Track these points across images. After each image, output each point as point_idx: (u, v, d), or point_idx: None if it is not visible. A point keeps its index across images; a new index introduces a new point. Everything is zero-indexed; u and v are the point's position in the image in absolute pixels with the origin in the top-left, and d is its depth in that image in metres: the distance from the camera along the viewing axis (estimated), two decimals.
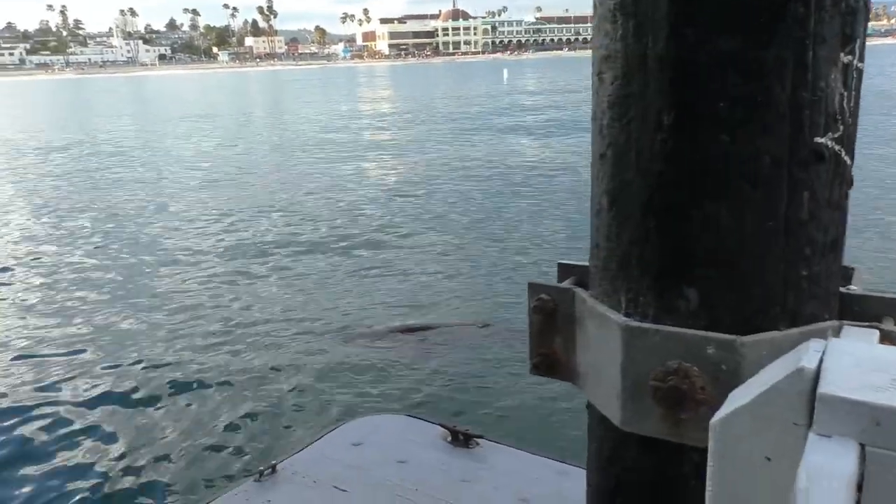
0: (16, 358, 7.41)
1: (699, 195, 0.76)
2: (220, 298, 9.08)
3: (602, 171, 0.85)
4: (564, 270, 1.00)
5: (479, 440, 2.86)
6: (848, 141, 0.76)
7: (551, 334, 0.95)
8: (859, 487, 0.49)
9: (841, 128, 0.75)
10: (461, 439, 2.87)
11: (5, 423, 5.94)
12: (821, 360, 0.58)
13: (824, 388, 0.54)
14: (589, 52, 0.88)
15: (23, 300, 9.42)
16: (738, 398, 0.62)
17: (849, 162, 0.77)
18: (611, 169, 0.84)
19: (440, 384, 6.31)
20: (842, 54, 0.73)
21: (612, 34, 0.81)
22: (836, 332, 0.75)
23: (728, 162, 0.74)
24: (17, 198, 17.31)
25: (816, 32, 0.71)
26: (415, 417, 3.17)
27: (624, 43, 0.79)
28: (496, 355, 6.86)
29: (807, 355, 0.60)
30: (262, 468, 2.70)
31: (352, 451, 2.86)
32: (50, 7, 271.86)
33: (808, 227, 0.76)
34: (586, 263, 0.95)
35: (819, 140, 0.74)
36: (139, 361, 7.18)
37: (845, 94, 0.74)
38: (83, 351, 7.55)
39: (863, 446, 0.51)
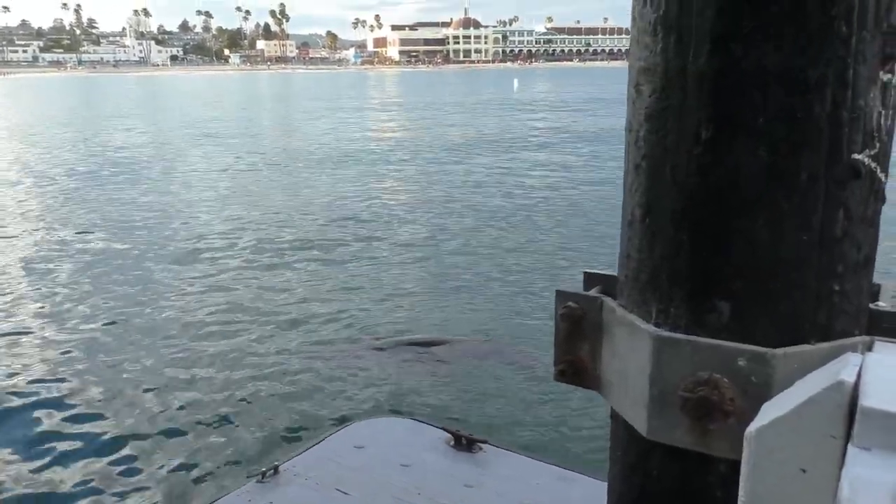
0: (22, 349, 7.45)
1: (734, 209, 0.76)
2: (228, 298, 9.10)
3: (636, 182, 0.86)
4: (590, 280, 1.00)
5: (482, 445, 2.86)
6: (883, 158, 0.77)
7: (578, 342, 0.95)
8: None
9: (878, 145, 0.75)
10: (465, 444, 2.86)
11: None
12: (858, 374, 0.59)
13: (866, 401, 0.54)
14: (598, 64, 0.89)
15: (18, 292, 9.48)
16: (774, 409, 0.62)
17: (883, 179, 0.78)
18: (645, 181, 0.84)
19: (444, 393, 6.31)
20: (881, 73, 0.74)
21: (651, 47, 0.81)
22: (868, 348, 0.74)
23: (765, 177, 0.75)
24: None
25: (858, 51, 0.72)
26: (419, 421, 3.16)
27: (664, 56, 0.79)
28: (501, 368, 6.87)
29: (846, 368, 0.60)
30: (264, 469, 2.70)
31: (355, 453, 2.85)
32: (64, 5, 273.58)
33: (842, 244, 0.76)
34: (613, 273, 0.96)
35: (856, 157, 0.74)
36: (142, 359, 7.20)
37: (883, 112, 0.75)
38: (82, 346, 7.58)
39: None
